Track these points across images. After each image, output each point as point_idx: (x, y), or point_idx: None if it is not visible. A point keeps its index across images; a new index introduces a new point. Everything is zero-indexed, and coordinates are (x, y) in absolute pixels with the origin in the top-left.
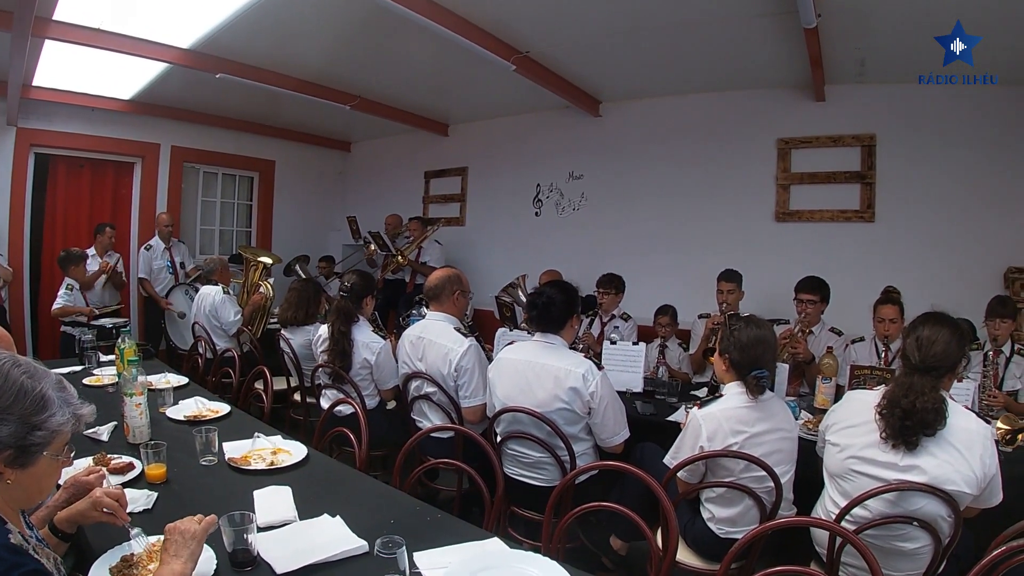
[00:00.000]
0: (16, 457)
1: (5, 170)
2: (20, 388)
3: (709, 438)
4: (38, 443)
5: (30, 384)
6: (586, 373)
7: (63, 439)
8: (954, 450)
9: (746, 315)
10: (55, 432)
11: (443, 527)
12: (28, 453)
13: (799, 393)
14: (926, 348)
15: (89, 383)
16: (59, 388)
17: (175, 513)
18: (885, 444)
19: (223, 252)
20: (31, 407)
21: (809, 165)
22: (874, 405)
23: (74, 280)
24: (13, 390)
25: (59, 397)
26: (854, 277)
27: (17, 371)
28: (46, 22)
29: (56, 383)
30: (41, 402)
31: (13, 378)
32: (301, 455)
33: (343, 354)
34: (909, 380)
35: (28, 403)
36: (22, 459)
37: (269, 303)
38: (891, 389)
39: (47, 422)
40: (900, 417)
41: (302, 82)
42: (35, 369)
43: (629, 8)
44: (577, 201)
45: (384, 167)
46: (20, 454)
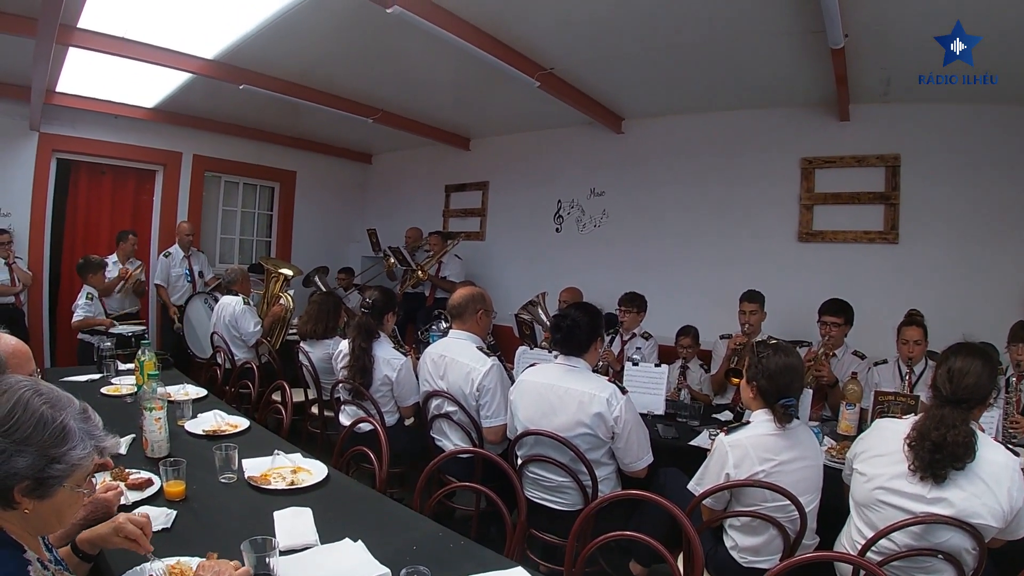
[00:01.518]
0: (34, 488)
1: (27, 174)
2: (40, 418)
3: (735, 466)
4: (57, 476)
5: (51, 414)
6: (610, 398)
7: (84, 472)
8: (982, 483)
9: (773, 342)
10: (75, 466)
11: (467, 554)
12: (46, 485)
13: (821, 417)
14: (958, 380)
15: (107, 392)
16: (82, 419)
17: (195, 533)
18: (913, 476)
19: (243, 262)
20: (51, 439)
21: (833, 185)
22: (903, 435)
23: (93, 288)
24: (32, 421)
25: (81, 429)
26: (877, 299)
27: (38, 400)
28: (71, 30)
29: (79, 412)
30: (62, 434)
31: (33, 408)
32: (321, 475)
33: (363, 370)
34: (940, 412)
35: (48, 435)
36: (40, 491)
37: (289, 315)
38: (921, 421)
39: (67, 455)
40: (930, 450)
41: (325, 94)
42: (57, 397)
43: (654, 26)
44: (598, 218)
45: (405, 180)
46: (38, 486)
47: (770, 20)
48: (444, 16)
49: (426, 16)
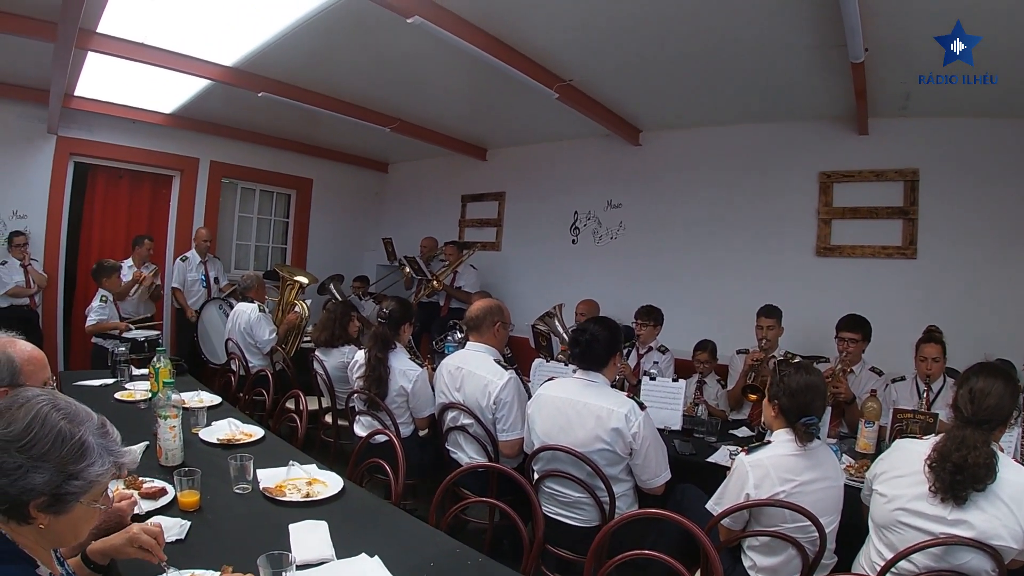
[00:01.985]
0: (50, 504)
1: (44, 177)
2: (58, 434)
3: (756, 485)
4: (74, 492)
5: (69, 430)
6: (629, 413)
7: (101, 488)
8: (1003, 505)
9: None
10: (93, 482)
11: (484, 572)
12: (63, 501)
13: (839, 434)
14: (979, 401)
15: (121, 398)
16: (101, 434)
17: (209, 544)
18: (934, 497)
19: (258, 268)
20: (69, 455)
21: (851, 199)
22: (924, 456)
23: (108, 292)
24: (50, 436)
25: (99, 444)
26: (895, 315)
27: (56, 415)
28: (89, 34)
29: (98, 427)
30: (80, 450)
31: (51, 423)
32: (337, 487)
33: (379, 381)
34: (961, 433)
35: (66, 451)
36: (56, 507)
37: (304, 322)
38: (942, 442)
39: (85, 471)
40: (951, 472)
41: (343, 103)
42: (75, 412)
43: (673, 38)
44: (615, 230)
45: (421, 189)
46: (55, 502)
47: (790, 34)
48: (464, 26)
49: (446, 26)
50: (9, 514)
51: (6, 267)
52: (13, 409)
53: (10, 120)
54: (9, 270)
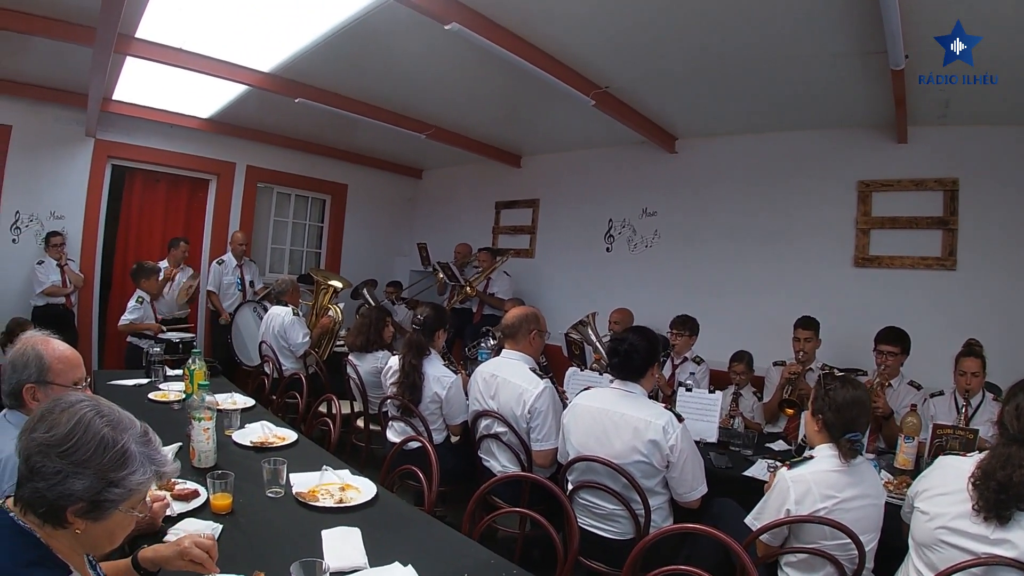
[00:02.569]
0: (89, 511)
1: (82, 180)
2: (100, 441)
3: (797, 501)
4: (113, 500)
5: (112, 437)
6: (666, 425)
7: (141, 496)
8: None
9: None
10: (133, 491)
11: None
12: (101, 508)
13: (876, 450)
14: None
15: (155, 398)
16: (143, 442)
17: (240, 548)
18: (977, 516)
19: (292, 272)
20: (110, 463)
21: (890, 209)
22: (968, 474)
23: (145, 293)
24: (92, 443)
25: (142, 453)
26: (934, 328)
27: (99, 421)
28: (128, 39)
29: (140, 435)
30: (122, 458)
31: (95, 430)
32: (370, 494)
33: (413, 387)
34: (1007, 451)
35: (108, 459)
36: (95, 513)
37: (337, 326)
38: (987, 459)
39: (126, 480)
40: (995, 490)
41: (379, 109)
42: (119, 418)
43: (711, 45)
44: (650, 238)
45: (455, 196)
46: (93, 508)
47: (829, 40)
48: (501, 33)
49: (483, 33)
50: (46, 518)
51: (43, 266)
52: (56, 413)
53: (49, 123)
54: (46, 269)
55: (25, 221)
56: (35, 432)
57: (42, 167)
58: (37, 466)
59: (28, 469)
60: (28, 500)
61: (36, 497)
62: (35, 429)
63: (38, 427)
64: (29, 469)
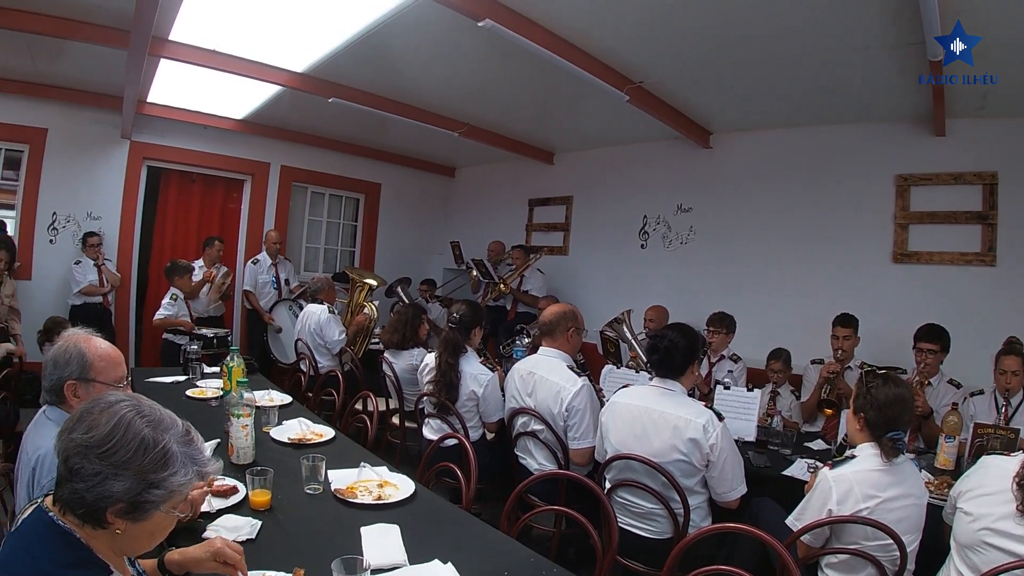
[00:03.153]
0: (129, 511)
1: (118, 181)
2: (141, 442)
3: (839, 501)
4: (154, 500)
5: (152, 437)
6: (707, 424)
7: (182, 496)
8: None
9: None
10: (174, 491)
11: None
12: (142, 509)
13: (916, 449)
14: None
15: (192, 395)
16: (185, 442)
17: (279, 544)
18: (1021, 517)
19: (326, 271)
20: (151, 464)
21: (929, 203)
22: (1013, 474)
23: (179, 290)
24: (133, 444)
25: (183, 453)
26: (974, 325)
27: (140, 421)
28: (162, 42)
29: (182, 435)
30: (163, 459)
31: (135, 430)
32: (409, 491)
33: (450, 385)
34: None
35: (148, 460)
36: (135, 514)
37: (372, 324)
38: None
39: (167, 481)
40: None
41: (412, 108)
42: (160, 418)
43: (745, 39)
44: (685, 234)
45: (488, 193)
46: (133, 509)
47: (865, 32)
48: (534, 29)
49: (516, 29)
50: (85, 518)
51: (80, 266)
52: (95, 413)
53: (84, 125)
54: (84, 269)
55: (62, 222)
56: (74, 432)
57: (78, 169)
58: (76, 467)
59: (67, 470)
60: (67, 500)
61: (75, 498)
62: (74, 430)
63: (77, 427)
64: (68, 470)
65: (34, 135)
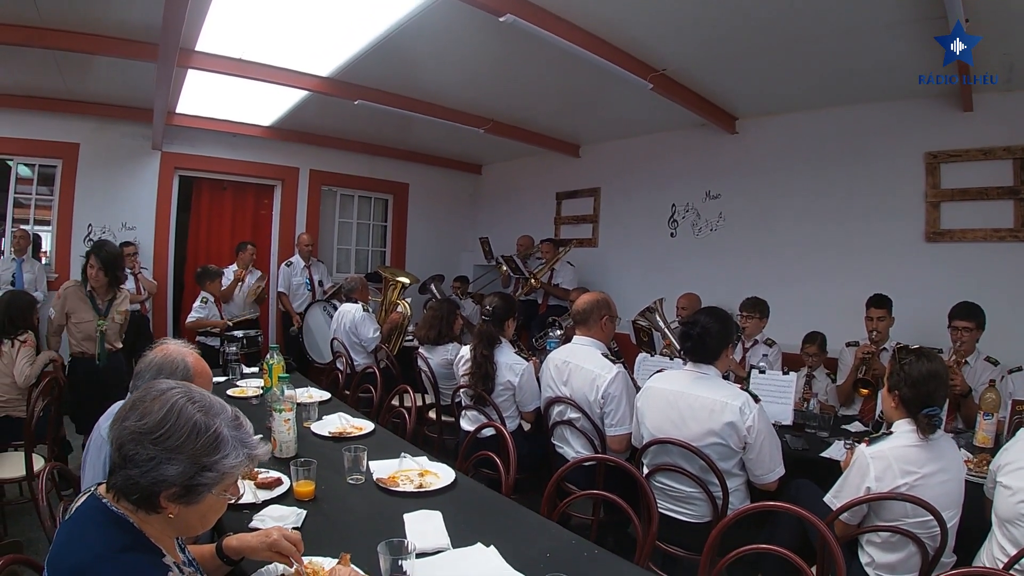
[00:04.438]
0: (182, 495)
1: (151, 191)
2: (193, 426)
3: (877, 478)
4: (206, 483)
5: (204, 422)
6: (743, 406)
7: (233, 479)
8: None
9: (916, 347)
10: (226, 474)
11: (602, 566)
12: (194, 492)
13: (955, 428)
14: None
15: (233, 394)
16: (234, 425)
17: (324, 532)
18: None
19: (358, 271)
20: (203, 448)
21: (960, 180)
22: None
23: (209, 294)
24: (185, 429)
25: (234, 436)
26: (1009, 301)
27: (191, 407)
28: (189, 53)
29: (232, 419)
30: (215, 442)
31: (187, 415)
32: (449, 479)
33: (486, 377)
34: None
35: (201, 443)
36: (188, 497)
37: (406, 321)
38: None
39: (219, 463)
40: None
41: (437, 107)
42: (210, 404)
43: (767, 22)
44: (715, 221)
45: (515, 188)
46: (186, 492)
47: (886, 8)
48: (555, 21)
49: (538, 22)
50: (139, 503)
51: None
52: (148, 401)
53: (116, 139)
54: None
55: (97, 233)
56: (127, 420)
57: (112, 181)
58: (131, 454)
59: (121, 457)
60: (121, 487)
61: (129, 484)
62: (127, 418)
63: (130, 416)
64: (122, 457)
65: (67, 150)
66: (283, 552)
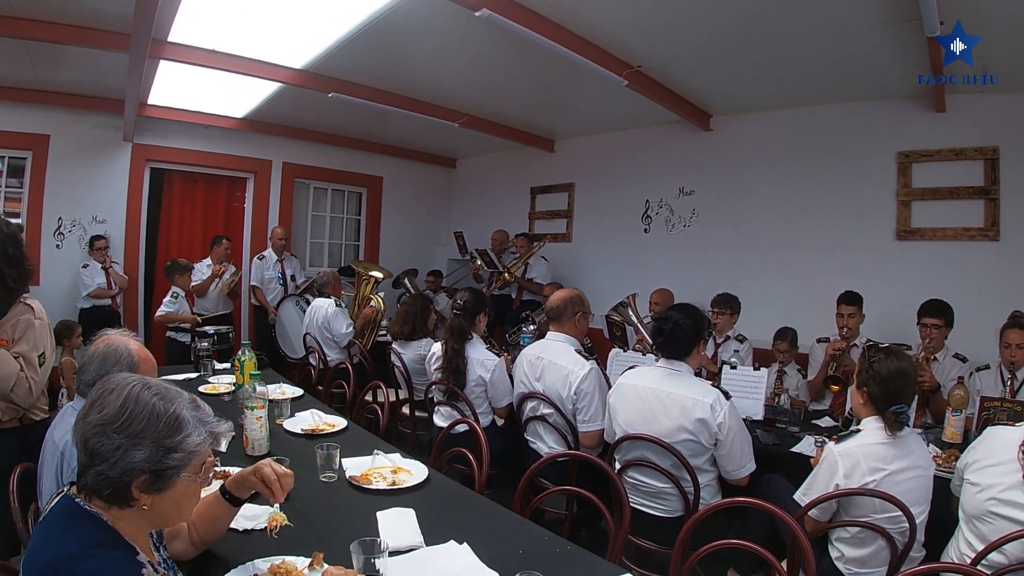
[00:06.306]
0: (152, 482)
1: (121, 184)
2: (152, 410)
3: (846, 475)
4: (175, 465)
5: (162, 406)
6: (714, 403)
7: (201, 459)
8: None
9: (885, 346)
10: (192, 453)
11: (575, 562)
12: (165, 477)
13: (924, 424)
14: None
15: (205, 391)
16: (193, 407)
17: (297, 531)
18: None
19: (331, 265)
20: (165, 429)
21: (931, 180)
22: (1019, 443)
23: (179, 288)
24: (144, 413)
25: (194, 416)
26: (978, 299)
27: (148, 393)
28: (161, 44)
29: (190, 402)
30: (176, 423)
31: (144, 401)
32: (422, 476)
33: (457, 372)
34: None
35: (162, 426)
36: (159, 483)
37: (380, 316)
38: None
39: (183, 443)
40: None
41: (412, 100)
42: (166, 389)
43: (742, 20)
44: (688, 217)
45: (490, 183)
46: (156, 478)
47: (862, 9)
48: (531, 17)
49: (513, 17)
50: (111, 499)
51: (88, 270)
52: (105, 395)
53: (86, 130)
54: (91, 273)
55: (68, 226)
56: (88, 417)
57: (82, 173)
58: (96, 447)
59: (87, 454)
60: (92, 485)
61: (100, 480)
62: (88, 414)
63: (91, 412)
64: (88, 454)
65: (37, 142)
66: (264, 479)
